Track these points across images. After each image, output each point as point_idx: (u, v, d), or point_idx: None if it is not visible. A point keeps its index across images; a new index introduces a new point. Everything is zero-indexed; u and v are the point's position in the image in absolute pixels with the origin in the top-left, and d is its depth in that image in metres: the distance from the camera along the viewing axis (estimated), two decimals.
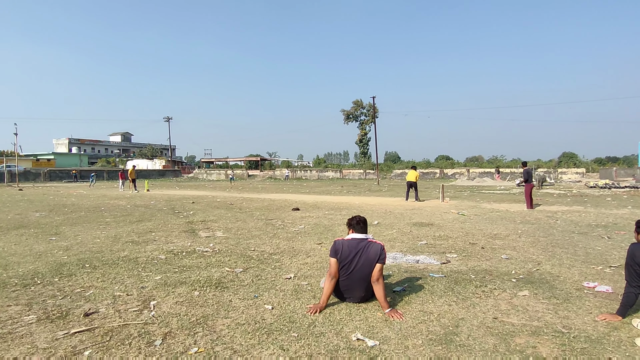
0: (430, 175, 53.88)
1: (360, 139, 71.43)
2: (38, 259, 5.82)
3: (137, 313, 3.63)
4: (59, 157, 67.77)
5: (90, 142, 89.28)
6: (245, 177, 57.78)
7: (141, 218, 10.75)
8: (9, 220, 10.48)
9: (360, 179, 51.93)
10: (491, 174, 47.16)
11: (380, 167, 47.19)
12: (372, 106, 50.11)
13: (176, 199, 17.74)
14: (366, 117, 69.92)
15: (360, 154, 73.71)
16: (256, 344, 2.96)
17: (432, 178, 52.05)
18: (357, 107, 70.05)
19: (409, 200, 16.04)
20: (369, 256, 3.67)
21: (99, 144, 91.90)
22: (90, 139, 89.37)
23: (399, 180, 48.33)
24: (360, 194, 22.40)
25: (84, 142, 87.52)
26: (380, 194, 22.02)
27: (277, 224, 9.44)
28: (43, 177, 48.12)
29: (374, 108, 48.74)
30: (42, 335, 3.14)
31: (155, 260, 5.74)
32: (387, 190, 26.13)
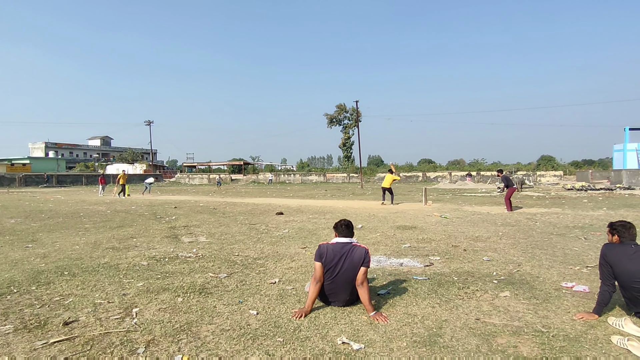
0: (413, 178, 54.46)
1: (344, 142, 71.74)
2: (14, 267, 5.65)
3: (119, 321, 3.56)
4: (35, 162, 65.87)
5: (68, 146, 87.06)
6: (229, 182, 57.31)
7: (122, 224, 10.55)
8: None
9: (344, 183, 52.15)
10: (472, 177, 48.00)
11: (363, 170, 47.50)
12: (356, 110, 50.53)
13: (158, 204, 17.47)
14: (349, 121, 70.30)
15: (343, 158, 74.04)
16: (241, 350, 2.94)
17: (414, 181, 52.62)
18: (341, 111, 70.38)
19: (385, 203, 16.25)
20: (353, 260, 3.69)
21: (77, 148, 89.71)
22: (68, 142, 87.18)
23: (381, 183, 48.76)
24: (344, 197, 22.49)
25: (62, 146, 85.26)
26: (364, 197, 22.15)
27: (261, 229, 9.40)
28: (18, 183, 46.70)
29: (357, 112, 49.13)
30: (20, 346, 3.05)
31: (137, 266, 5.64)
32: (370, 193, 26.29)
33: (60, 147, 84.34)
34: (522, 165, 53.10)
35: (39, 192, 32.21)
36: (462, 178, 47.54)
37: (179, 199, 21.09)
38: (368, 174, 55.82)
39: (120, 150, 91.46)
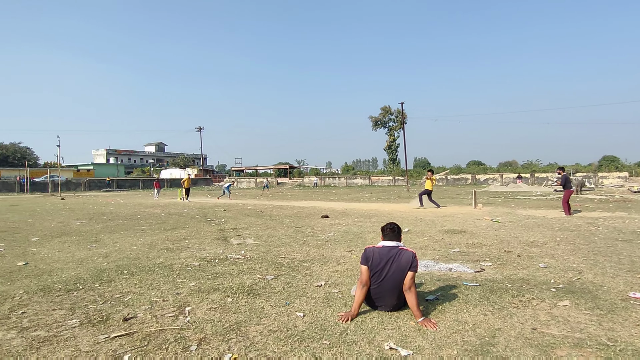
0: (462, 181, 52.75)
1: (389, 145, 70.92)
2: (80, 265, 6.08)
3: (173, 318, 3.72)
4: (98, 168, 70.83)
5: (127, 153, 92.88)
6: (275, 185, 58.42)
7: (175, 226, 11.05)
8: (53, 228, 11.01)
9: (389, 186, 51.50)
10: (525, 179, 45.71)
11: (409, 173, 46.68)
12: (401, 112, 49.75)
13: (208, 207, 18.14)
14: (395, 123, 69.42)
15: (389, 161, 73.16)
16: (288, 351, 2.98)
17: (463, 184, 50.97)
18: (386, 114, 69.69)
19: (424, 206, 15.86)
20: (400, 264, 3.63)
21: (135, 154, 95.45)
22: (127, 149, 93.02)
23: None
24: (390, 201, 22.20)
25: (121, 153, 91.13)
26: (410, 201, 21.73)
27: (307, 232, 9.48)
28: (83, 187, 50.39)
29: (403, 114, 48.39)
30: (85, 339, 3.28)
31: (189, 267, 5.88)
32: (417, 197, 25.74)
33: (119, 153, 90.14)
34: (582, 166, 49.90)
35: (100, 196, 34.56)
36: (513, 180, 45.40)
37: (227, 202, 21.78)
38: (414, 177, 54.77)
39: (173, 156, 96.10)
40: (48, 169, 50.94)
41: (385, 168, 78.42)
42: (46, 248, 7.74)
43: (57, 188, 42.86)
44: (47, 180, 45.57)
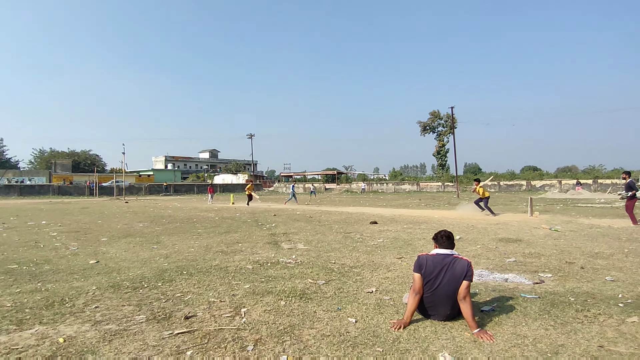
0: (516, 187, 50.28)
1: (438, 150, 69.15)
2: (144, 265, 6.51)
3: (229, 319, 3.90)
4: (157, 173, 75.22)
5: (183, 159, 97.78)
6: (323, 191, 58.83)
7: (229, 229, 11.48)
8: (119, 229, 11.84)
9: (438, 192, 50.14)
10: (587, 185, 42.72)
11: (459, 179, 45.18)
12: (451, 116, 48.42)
13: (259, 212, 18.65)
14: (444, 128, 67.64)
15: (437, 166, 71.30)
16: (342, 356, 3.02)
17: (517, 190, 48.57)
18: (435, 118, 68.12)
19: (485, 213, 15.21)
20: (454, 273, 3.57)
21: (190, 161, 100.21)
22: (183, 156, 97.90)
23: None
24: (440, 207, 21.63)
25: (178, 159, 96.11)
26: (458, 207, 21.04)
27: (356, 237, 9.49)
28: (144, 191, 53.65)
29: (453, 118, 47.06)
30: (151, 334, 3.52)
31: (243, 269, 6.11)
32: (468, 203, 24.88)
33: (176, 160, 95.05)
34: None
35: (160, 200, 36.61)
36: (572, 187, 42.57)
37: (277, 207, 22.26)
38: (464, 183, 52.91)
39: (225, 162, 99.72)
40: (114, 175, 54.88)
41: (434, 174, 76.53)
42: (114, 248, 8.34)
43: (121, 192, 46.06)
44: (113, 185, 49.12)
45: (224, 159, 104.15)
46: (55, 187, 49.93)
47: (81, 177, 60.01)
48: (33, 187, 49.76)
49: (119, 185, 48.60)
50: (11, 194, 45.48)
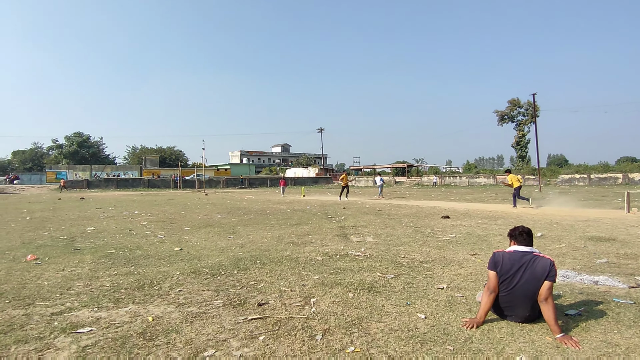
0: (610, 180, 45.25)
1: (517, 141, 64.40)
2: (221, 254, 6.93)
3: (299, 308, 4.02)
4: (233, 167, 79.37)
5: (257, 153, 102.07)
6: (392, 184, 57.88)
7: (299, 221, 11.79)
8: (199, 220, 12.72)
9: None
10: None
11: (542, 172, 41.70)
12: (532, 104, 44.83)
13: (329, 205, 18.89)
14: (524, 117, 62.82)
15: (517, 158, 66.48)
16: (410, 352, 2.98)
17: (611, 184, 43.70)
18: (514, 107, 63.48)
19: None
20: (535, 272, 3.32)
21: (264, 155, 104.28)
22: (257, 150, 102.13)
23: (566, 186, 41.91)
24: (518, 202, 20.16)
25: (252, 154, 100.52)
26: (542, 202, 19.48)
27: (427, 232, 9.22)
28: (221, 184, 56.96)
29: (534, 106, 43.50)
30: (227, 318, 3.75)
31: (313, 260, 6.24)
32: (551, 198, 22.93)
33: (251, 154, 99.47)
34: None
35: (236, 192, 38.64)
36: None
37: (346, 200, 22.34)
38: (547, 176, 48.79)
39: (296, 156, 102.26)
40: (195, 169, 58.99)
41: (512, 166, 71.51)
42: (195, 237, 8.99)
43: (202, 185, 49.40)
44: (194, 178, 52.82)
45: (295, 153, 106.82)
46: (145, 181, 54.89)
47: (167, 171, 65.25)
48: (127, 180, 55.20)
49: (199, 178, 52.17)
50: (109, 187, 50.88)
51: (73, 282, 5.14)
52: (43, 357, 2.99)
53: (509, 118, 64.73)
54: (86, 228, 10.77)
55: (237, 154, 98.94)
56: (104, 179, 54.02)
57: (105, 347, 3.15)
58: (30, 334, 3.43)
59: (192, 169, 62.82)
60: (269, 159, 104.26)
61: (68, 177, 55.96)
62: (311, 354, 2.96)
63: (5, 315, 3.89)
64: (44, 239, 8.81)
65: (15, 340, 3.29)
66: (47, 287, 4.91)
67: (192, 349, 3.07)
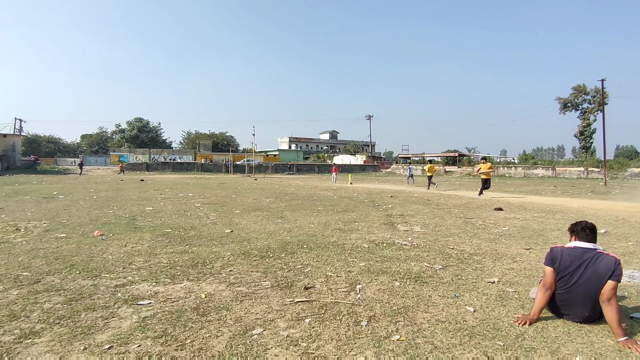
0: None
1: (582, 131, 59.87)
2: (269, 237, 7.12)
3: (345, 293, 4.06)
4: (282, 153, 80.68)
5: (305, 140, 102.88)
6: (442, 173, 56.22)
7: (346, 208, 11.82)
8: (249, 203, 13.11)
9: (579, 178, 43.76)
10: None
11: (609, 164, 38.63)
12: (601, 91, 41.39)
13: (376, 192, 18.74)
14: (591, 105, 58.19)
15: (580, 149, 61.88)
16: (457, 344, 2.92)
17: None
18: (579, 94, 58.89)
19: None
20: (597, 270, 3.12)
21: (312, 142, 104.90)
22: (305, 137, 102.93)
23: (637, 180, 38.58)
24: (580, 195, 18.92)
25: (300, 140, 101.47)
26: (608, 197, 18.11)
27: (478, 224, 8.91)
28: (270, 170, 58.21)
29: (603, 93, 40.12)
30: (275, 299, 3.87)
31: (359, 248, 6.25)
32: (618, 192, 21.25)
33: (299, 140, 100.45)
34: None
35: (284, 178, 39.36)
36: None
37: (394, 189, 22.06)
38: (615, 169, 45.09)
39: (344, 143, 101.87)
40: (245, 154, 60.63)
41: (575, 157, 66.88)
42: (245, 220, 9.29)
43: (251, 170, 50.77)
44: (244, 164, 54.36)
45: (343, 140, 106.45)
46: (199, 165, 57.28)
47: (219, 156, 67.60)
48: (182, 164, 57.87)
49: (249, 163, 53.59)
50: (166, 170, 53.65)
51: (134, 257, 5.52)
52: (108, 324, 3.26)
53: (572, 106, 60.27)
54: (145, 208, 11.46)
55: (286, 140, 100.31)
56: (161, 162, 56.99)
57: (162, 319, 3.37)
58: (97, 302, 3.74)
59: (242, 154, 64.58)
60: (317, 146, 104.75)
61: (129, 160, 59.62)
62: (356, 340, 2.99)
63: (76, 285, 4.27)
64: (108, 217, 9.50)
65: (85, 307, 3.61)
66: (112, 261, 5.31)
67: (242, 326, 3.21)
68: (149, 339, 2.98)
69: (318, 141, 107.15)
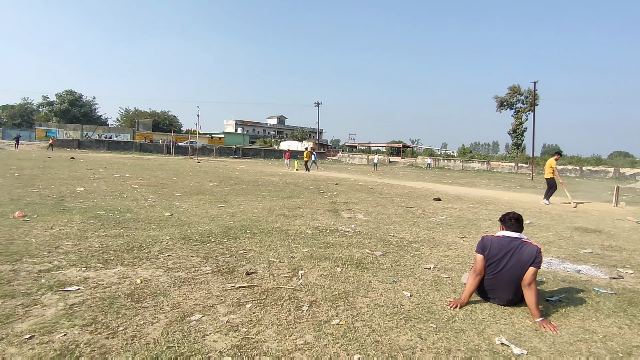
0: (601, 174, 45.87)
1: (514, 128, 64.36)
2: (212, 221, 6.93)
3: (287, 279, 4.06)
4: (228, 136, 78.61)
5: (252, 124, 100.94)
6: (386, 163, 57.95)
7: (291, 194, 11.80)
8: (191, 187, 12.66)
9: (510, 173, 47.20)
10: None
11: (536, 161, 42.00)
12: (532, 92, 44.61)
13: (321, 180, 18.90)
14: (523, 105, 62.58)
15: (512, 146, 66.62)
16: (394, 327, 3.03)
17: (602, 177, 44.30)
18: (514, 94, 63.09)
19: None
20: (521, 257, 3.37)
21: (259, 126, 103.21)
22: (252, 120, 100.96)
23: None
24: (510, 189, 20.43)
25: (247, 124, 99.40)
26: (534, 191, 19.70)
27: (418, 213, 9.30)
28: (215, 153, 56.60)
29: (534, 94, 43.31)
30: (215, 285, 3.78)
31: (302, 234, 6.28)
32: (543, 187, 23.12)
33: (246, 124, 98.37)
34: None
35: (228, 162, 38.44)
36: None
37: (339, 177, 22.38)
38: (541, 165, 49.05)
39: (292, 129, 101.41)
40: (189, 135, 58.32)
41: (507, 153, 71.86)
42: (186, 203, 8.96)
43: (195, 152, 49.00)
44: (187, 145, 52.34)
45: (291, 126, 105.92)
46: (138, 144, 54.31)
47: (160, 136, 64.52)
48: (119, 143, 54.52)
49: (192, 145, 51.71)
50: (101, 148, 50.29)
51: (61, 240, 5.12)
52: (30, 312, 3.01)
53: (508, 105, 64.43)
54: (76, 188, 10.67)
55: (232, 123, 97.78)
56: (95, 140, 53.30)
57: (92, 306, 3.16)
58: (18, 289, 3.43)
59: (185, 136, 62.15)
60: (264, 130, 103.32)
61: (58, 135, 55.07)
62: (297, 324, 3.00)
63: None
64: (32, 197, 8.73)
65: (2, 294, 3.29)
66: (35, 244, 4.89)
67: (179, 313, 3.10)
68: (77, 327, 2.79)
69: (265, 126, 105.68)
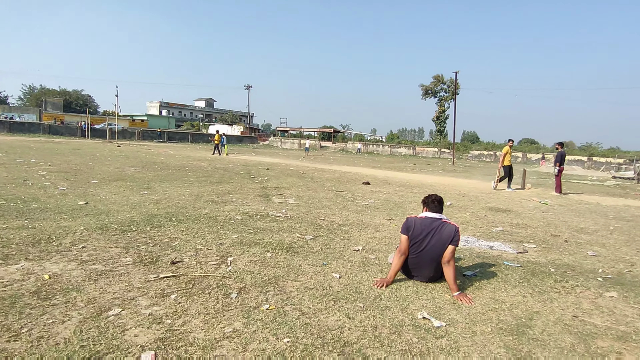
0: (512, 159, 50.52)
1: (438, 116, 68.35)
2: (133, 209, 6.50)
3: (215, 266, 3.94)
4: (151, 119, 73.80)
5: (178, 106, 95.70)
6: (318, 148, 58.58)
7: (220, 180, 11.46)
8: (110, 173, 11.75)
9: (434, 158, 50.22)
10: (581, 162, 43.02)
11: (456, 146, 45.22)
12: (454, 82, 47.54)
13: (252, 165, 18.59)
14: (446, 94, 66.52)
15: (436, 132, 70.81)
16: (323, 309, 3.08)
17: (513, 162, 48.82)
18: (437, 83, 66.74)
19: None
20: (441, 237, 3.59)
21: (186, 108, 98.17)
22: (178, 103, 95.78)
23: (475, 161, 45.92)
24: (434, 173, 21.72)
25: (173, 106, 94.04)
26: (454, 174, 21.16)
27: (347, 196, 9.53)
28: (137, 136, 53.01)
29: (456, 84, 46.21)
30: (137, 276, 3.55)
31: (232, 220, 6.13)
32: (462, 171, 25.01)
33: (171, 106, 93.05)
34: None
35: (153, 146, 36.26)
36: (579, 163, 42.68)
37: (271, 161, 22.18)
38: (461, 150, 53.02)
39: (221, 112, 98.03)
40: (107, 117, 53.84)
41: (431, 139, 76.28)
42: (104, 190, 8.30)
43: (114, 136, 45.39)
44: (105, 128, 48.32)
45: (220, 109, 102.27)
46: (46, 126, 48.97)
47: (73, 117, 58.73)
48: (23, 124, 48.71)
49: (111, 128, 47.82)
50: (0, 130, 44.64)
51: None
52: None
53: (432, 93, 67.98)
54: None
55: (156, 105, 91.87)
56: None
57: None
58: None
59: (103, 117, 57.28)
60: (191, 113, 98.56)
61: None
62: (225, 312, 2.93)
63: None
64: None
65: None
66: None
67: (95, 308, 2.87)
68: None
69: (192, 108, 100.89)
